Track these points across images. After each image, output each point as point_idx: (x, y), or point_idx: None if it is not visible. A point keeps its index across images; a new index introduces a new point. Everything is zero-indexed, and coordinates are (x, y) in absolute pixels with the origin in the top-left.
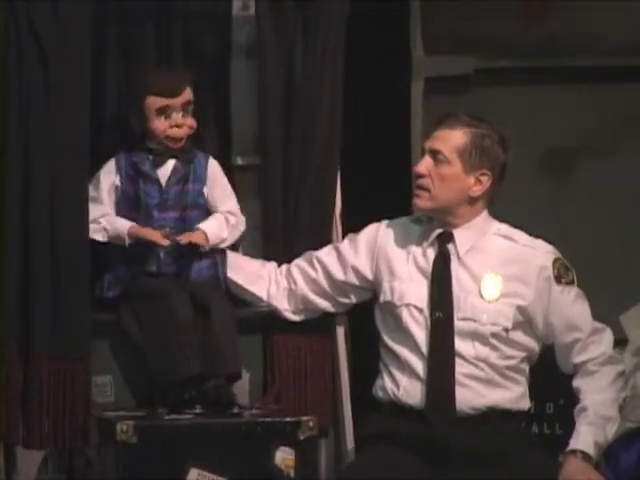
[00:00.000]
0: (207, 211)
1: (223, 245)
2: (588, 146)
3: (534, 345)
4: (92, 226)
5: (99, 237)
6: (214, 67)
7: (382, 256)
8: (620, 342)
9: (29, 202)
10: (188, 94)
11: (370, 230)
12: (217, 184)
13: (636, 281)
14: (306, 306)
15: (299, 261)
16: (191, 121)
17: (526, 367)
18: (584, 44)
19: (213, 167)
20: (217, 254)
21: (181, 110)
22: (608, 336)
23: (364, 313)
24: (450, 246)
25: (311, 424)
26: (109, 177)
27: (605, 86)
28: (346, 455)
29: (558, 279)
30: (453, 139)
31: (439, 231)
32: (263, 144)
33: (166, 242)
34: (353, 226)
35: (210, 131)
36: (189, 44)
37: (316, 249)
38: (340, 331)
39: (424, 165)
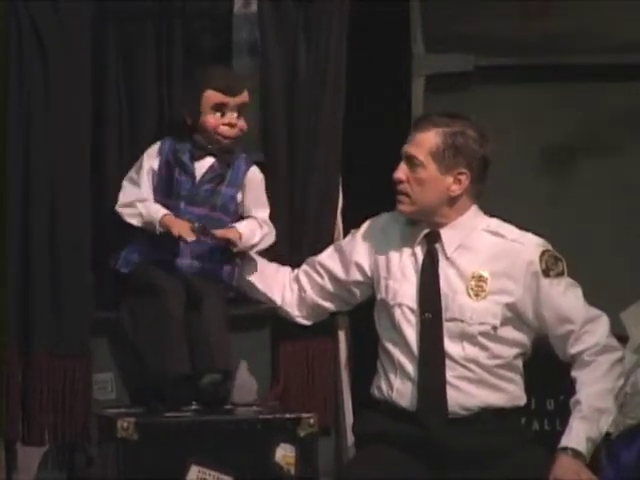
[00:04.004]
0: (236, 217)
1: (252, 251)
2: (588, 144)
3: (525, 340)
4: (128, 210)
5: (134, 221)
6: (215, 64)
7: (380, 252)
8: (620, 339)
9: (29, 202)
10: (246, 96)
11: (369, 225)
12: (254, 191)
13: (636, 278)
14: (315, 310)
15: (305, 268)
16: (243, 123)
17: (519, 363)
18: (584, 42)
19: (253, 174)
20: (235, 261)
21: (236, 110)
22: (603, 324)
23: (366, 313)
24: (437, 245)
25: (311, 421)
26: (150, 160)
27: (605, 84)
28: (346, 453)
29: (546, 272)
30: (425, 142)
31: (426, 231)
32: (267, 141)
33: (192, 237)
34: (354, 224)
35: None
36: (190, 42)
37: (321, 245)
38: (341, 330)
39: (401, 171)
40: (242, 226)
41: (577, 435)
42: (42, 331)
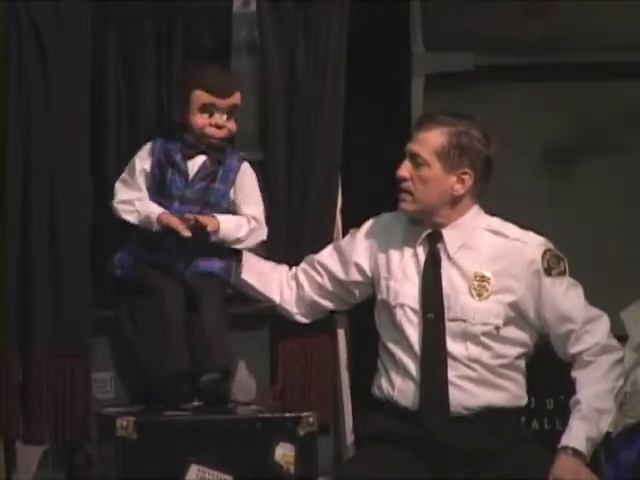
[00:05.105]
0: (229, 213)
1: (237, 246)
2: (588, 143)
3: (528, 340)
4: (126, 207)
5: (130, 218)
6: (214, 64)
7: (381, 252)
8: (620, 338)
9: (29, 201)
10: (236, 98)
11: (369, 225)
12: (245, 188)
13: (636, 278)
14: (314, 308)
15: (304, 266)
16: (232, 125)
17: (521, 363)
18: (584, 41)
19: (245, 172)
20: (232, 259)
21: (226, 112)
22: (603, 324)
23: (365, 311)
24: (440, 245)
25: (311, 420)
26: (142, 162)
27: (605, 83)
28: (345, 452)
29: (548, 271)
30: (430, 141)
31: (428, 231)
32: (266, 141)
33: (188, 233)
34: (353, 224)
35: None
36: (189, 42)
37: (319, 244)
38: (341, 329)
39: (405, 168)
40: (225, 217)
41: (577, 435)
42: (42, 330)
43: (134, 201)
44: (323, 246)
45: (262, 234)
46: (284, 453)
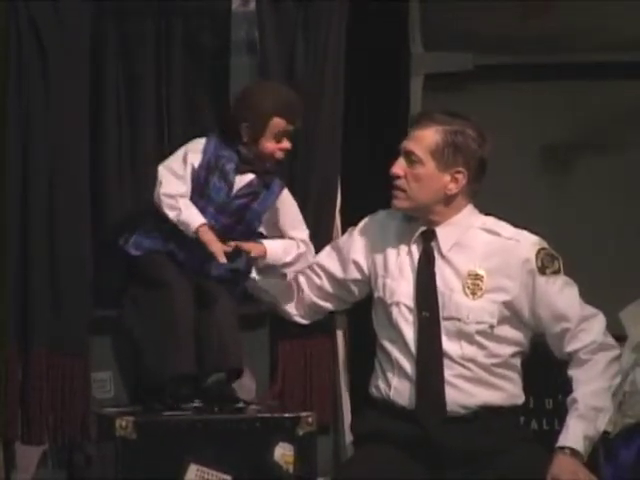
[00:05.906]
0: (256, 233)
1: (285, 270)
2: (588, 142)
3: (523, 339)
4: (170, 201)
5: (171, 214)
6: (213, 63)
7: (378, 249)
8: (619, 338)
9: (29, 201)
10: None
11: (366, 223)
12: (288, 212)
13: (636, 278)
14: (313, 310)
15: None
16: (289, 145)
17: (517, 362)
18: (584, 40)
19: (285, 196)
20: (242, 266)
21: (289, 134)
22: (599, 322)
23: (364, 311)
24: (433, 244)
25: (310, 420)
26: (193, 156)
27: (605, 82)
28: (344, 452)
29: (542, 270)
30: (425, 139)
31: (422, 229)
32: None
33: (224, 260)
34: (352, 223)
35: (210, 127)
36: (188, 40)
37: (319, 245)
38: (340, 330)
39: (399, 166)
40: (272, 243)
41: (574, 434)
42: (41, 330)
43: (178, 197)
44: (322, 246)
45: (310, 257)
46: (283, 453)
